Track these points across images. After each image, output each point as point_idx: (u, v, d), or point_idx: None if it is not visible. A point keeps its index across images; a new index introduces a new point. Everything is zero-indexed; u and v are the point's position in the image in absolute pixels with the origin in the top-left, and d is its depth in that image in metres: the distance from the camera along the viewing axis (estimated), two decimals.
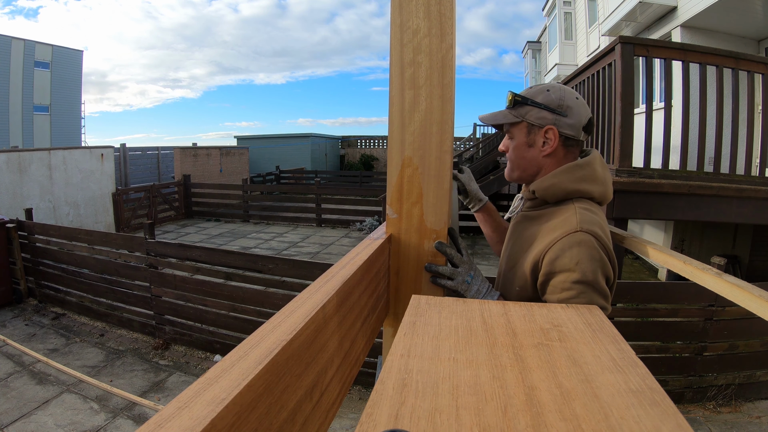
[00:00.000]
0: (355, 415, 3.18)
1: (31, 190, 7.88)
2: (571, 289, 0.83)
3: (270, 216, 10.93)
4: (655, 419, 0.38)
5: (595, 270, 0.83)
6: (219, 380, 0.37)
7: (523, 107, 0.98)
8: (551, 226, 0.91)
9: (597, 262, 0.84)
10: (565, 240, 0.85)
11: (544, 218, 0.95)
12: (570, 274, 0.83)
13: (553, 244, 0.86)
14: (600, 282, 0.84)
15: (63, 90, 21.60)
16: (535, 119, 0.96)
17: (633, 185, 3.14)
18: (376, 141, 23.11)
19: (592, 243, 0.84)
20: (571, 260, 0.83)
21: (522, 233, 0.99)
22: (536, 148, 0.98)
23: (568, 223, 0.88)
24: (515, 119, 0.99)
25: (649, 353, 3.12)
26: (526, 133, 0.98)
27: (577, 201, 0.93)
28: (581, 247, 0.84)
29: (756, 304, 0.68)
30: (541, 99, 0.96)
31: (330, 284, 0.62)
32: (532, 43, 16.41)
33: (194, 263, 4.04)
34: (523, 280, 0.92)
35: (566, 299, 0.83)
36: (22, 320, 4.78)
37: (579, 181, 0.93)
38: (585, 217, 0.88)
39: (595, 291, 0.83)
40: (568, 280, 0.83)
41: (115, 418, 3.05)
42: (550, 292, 0.86)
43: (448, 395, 0.42)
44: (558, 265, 0.84)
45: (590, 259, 0.83)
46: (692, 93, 3.33)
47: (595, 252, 0.84)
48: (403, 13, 0.87)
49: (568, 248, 0.84)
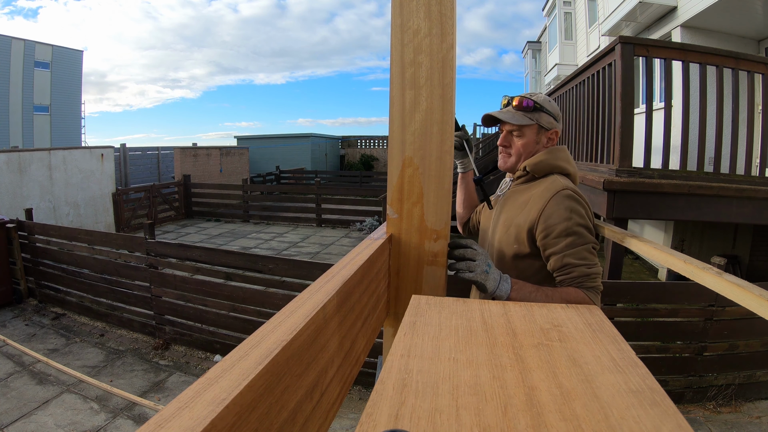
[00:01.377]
0: (355, 415, 3.18)
1: (31, 190, 7.88)
2: (575, 233, 1.03)
3: (270, 216, 10.93)
4: (655, 419, 0.38)
5: (584, 214, 1.06)
6: (219, 380, 0.37)
7: (538, 113, 1.18)
8: (539, 192, 1.11)
9: (583, 208, 1.06)
10: (555, 198, 1.06)
11: (533, 188, 1.16)
12: (568, 221, 1.04)
13: (545, 206, 1.06)
14: (590, 223, 1.07)
15: (63, 90, 21.60)
16: (546, 123, 1.19)
17: (633, 185, 3.14)
18: (376, 141, 23.12)
19: (575, 196, 1.07)
20: (565, 210, 1.05)
21: (514, 202, 1.19)
22: (540, 145, 1.21)
23: (553, 186, 1.09)
24: (531, 121, 1.18)
25: (649, 353, 3.12)
26: (536, 133, 1.20)
27: (557, 174, 1.16)
28: (570, 200, 1.06)
29: (756, 304, 0.68)
30: (549, 108, 1.20)
31: (330, 284, 0.62)
32: (532, 43, 16.41)
33: (194, 263, 4.04)
34: (521, 237, 1.11)
35: (573, 242, 1.03)
36: (22, 320, 4.78)
37: (559, 160, 1.17)
38: (566, 182, 1.12)
39: (588, 230, 1.05)
40: (569, 226, 1.04)
41: (115, 418, 3.05)
42: (554, 243, 1.04)
43: (448, 395, 0.42)
44: (555, 218, 1.05)
45: (579, 206, 1.06)
46: (692, 93, 3.33)
47: (580, 201, 1.07)
48: (404, 13, 0.87)
49: (560, 203, 1.05)
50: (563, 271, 1.04)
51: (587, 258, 1.03)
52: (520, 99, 1.18)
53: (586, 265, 1.02)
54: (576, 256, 1.02)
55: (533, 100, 1.17)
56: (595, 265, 1.04)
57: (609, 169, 3.38)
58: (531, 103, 1.17)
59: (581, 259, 1.02)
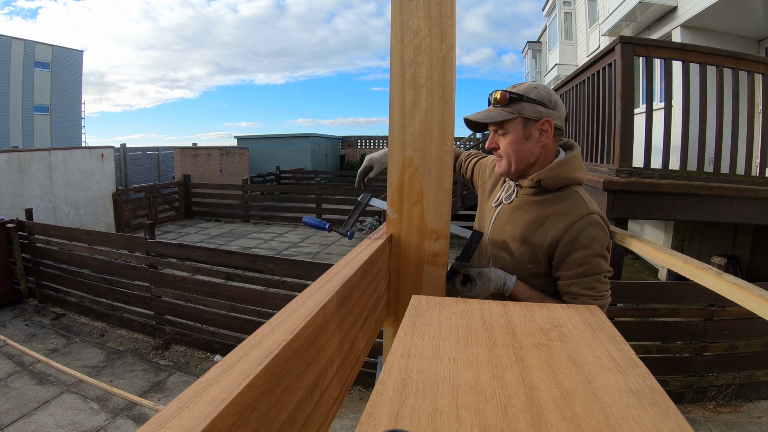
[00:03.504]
0: (355, 415, 3.18)
1: (32, 190, 7.88)
2: (588, 262, 1.00)
3: (270, 216, 10.92)
4: (655, 419, 0.38)
5: (605, 244, 1.02)
6: (219, 380, 0.37)
7: (518, 104, 1.04)
8: (561, 210, 1.04)
9: (606, 237, 1.02)
10: (581, 222, 1.00)
11: (549, 203, 1.06)
12: (587, 250, 1.00)
13: (571, 227, 1.00)
14: (607, 253, 1.04)
15: (63, 90, 21.59)
16: (531, 113, 1.04)
17: (633, 185, 3.14)
18: (377, 141, 23.10)
19: (602, 223, 1.02)
20: (588, 238, 1.00)
21: (526, 216, 1.08)
22: (533, 140, 1.06)
23: (578, 207, 1.03)
24: (511, 115, 1.04)
25: (649, 353, 3.12)
26: (522, 128, 1.05)
27: (574, 186, 1.07)
28: (595, 226, 1.01)
29: (756, 304, 0.67)
30: (534, 95, 1.04)
31: (330, 284, 0.62)
32: (532, 43, 16.41)
33: (194, 263, 4.04)
34: (537, 257, 1.05)
35: (584, 271, 1.00)
36: (23, 320, 4.78)
37: (575, 171, 1.07)
38: (592, 204, 1.04)
39: (605, 259, 1.03)
40: (586, 255, 1.00)
41: (116, 418, 3.05)
42: (567, 268, 1.02)
43: (449, 395, 0.42)
44: (577, 244, 1.00)
45: (603, 235, 1.02)
46: (692, 93, 3.32)
47: (604, 229, 1.02)
48: (404, 13, 0.87)
49: (585, 228, 1.00)
50: (568, 297, 1.03)
51: (595, 288, 1.02)
52: (500, 93, 1.05)
53: (591, 297, 1.01)
54: (583, 285, 1.01)
55: (510, 90, 1.05)
56: (602, 297, 1.02)
57: (609, 169, 3.38)
58: (507, 95, 1.04)
59: (588, 289, 1.01)
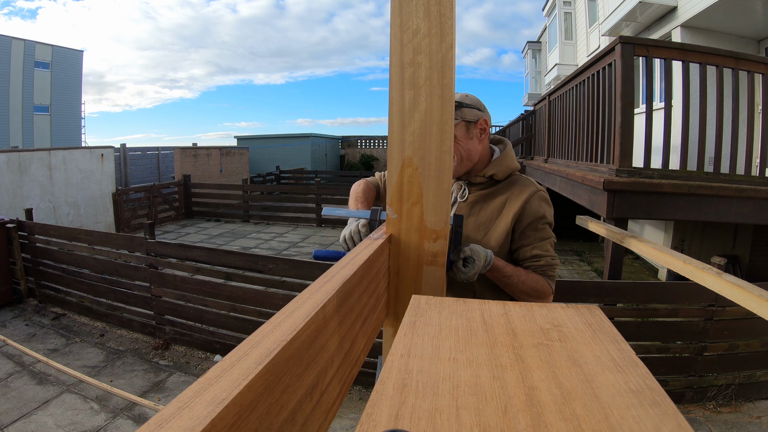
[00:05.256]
0: (355, 415, 3.18)
1: (32, 190, 7.88)
2: (544, 228, 1.25)
3: (270, 216, 10.92)
4: (655, 419, 0.38)
5: (552, 213, 1.28)
6: (219, 380, 0.36)
7: (459, 110, 1.24)
8: (515, 191, 1.26)
9: (551, 208, 1.28)
10: (535, 197, 1.24)
11: (502, 190, 1.28)
12: (543, 219, 1.24)
13: (527, 201, 1.23)
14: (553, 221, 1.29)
15: (63, 90, 21.60)
16: (470, 116, 1.25)
17: (633, 185, 3.14)
18: (376, 141, 23.12)
19: (547, 197, 1.28)
20: (541, 209, 1.24)
21: (486, 206, 1.29)
22: (476, 139, 1.27)
23: (528, 185, 1.27)
24: (456, 120, 1.21)
25: (649, 353, 3.12)
26: (465, 130, 1.25)
27: (515, 173, 1.32)
28: (544, 200, 1.26)
29: (756, 304, 0.68)
30: (469, 101, 1.26)
31: (330, 284, 0.62)
32: (532, 43, 16.41)
33: (194, 263, 4.04)
34: (502, 237, 1.24)
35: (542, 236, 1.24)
36: (22, 320, 4.78)
37: (514, 161, 1.33)
38: (536, 183, 1.30)
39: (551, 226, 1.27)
40: (542, 221, 1.24)
41: (116, 418, 3.05)
42: (528, 234, 1.24)
43: (449, 395, 0.42)
44: (531, 216, 1.23)
45: (550, 207, 1.28)
46: (692, 93, 3.32)
47: (549, 201, 1.29)
48: (403, 13, 0.87)
49: (537, 202, 1.24)
50: (532, 260, 1.23)
51: (549, 251, 1.25)
52: None
53: (550, 257, 1.25)
54: (542, 248, 1.24)
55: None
56: (555, 258, 1.27)
57: (609, 169, 3.38)
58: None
59: (546, 251, 1.24)
